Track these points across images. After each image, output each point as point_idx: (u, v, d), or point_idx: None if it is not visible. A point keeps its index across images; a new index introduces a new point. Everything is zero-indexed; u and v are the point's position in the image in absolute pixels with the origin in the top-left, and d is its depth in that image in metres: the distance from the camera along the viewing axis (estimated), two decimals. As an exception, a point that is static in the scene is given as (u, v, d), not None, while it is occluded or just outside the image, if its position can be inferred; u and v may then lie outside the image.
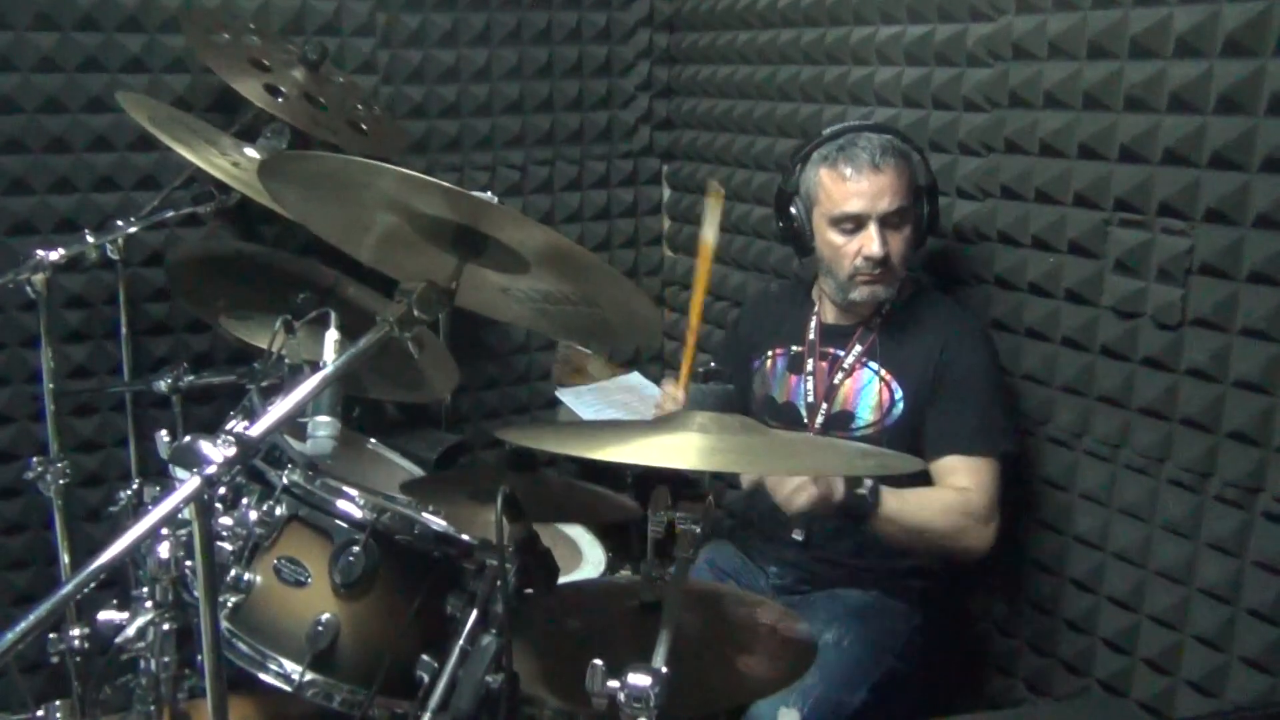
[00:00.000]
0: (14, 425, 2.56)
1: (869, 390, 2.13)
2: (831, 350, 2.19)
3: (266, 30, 2.57)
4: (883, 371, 2.12)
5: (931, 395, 2.08)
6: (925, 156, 2.15)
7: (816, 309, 2.25)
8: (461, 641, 1.51)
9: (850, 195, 2.04)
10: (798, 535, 2.16)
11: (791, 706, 1.87)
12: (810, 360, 2.21)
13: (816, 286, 2.25)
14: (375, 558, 1.70)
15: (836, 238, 2.08)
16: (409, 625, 1.68)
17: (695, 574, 2.10)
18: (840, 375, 2.16)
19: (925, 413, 2.08)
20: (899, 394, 2.10)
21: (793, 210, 2.16)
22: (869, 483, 1.91)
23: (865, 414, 2.13)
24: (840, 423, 2.15)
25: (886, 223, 2.04)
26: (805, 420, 2.19)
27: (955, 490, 2.02)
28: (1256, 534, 1.80)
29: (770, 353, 2.29)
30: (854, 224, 2.05)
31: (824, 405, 2.17)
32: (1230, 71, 1.75)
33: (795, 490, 1.84)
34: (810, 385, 2.20)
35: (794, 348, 2.25)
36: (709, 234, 2.09)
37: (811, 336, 2.23)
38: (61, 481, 2.22)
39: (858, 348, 2.16)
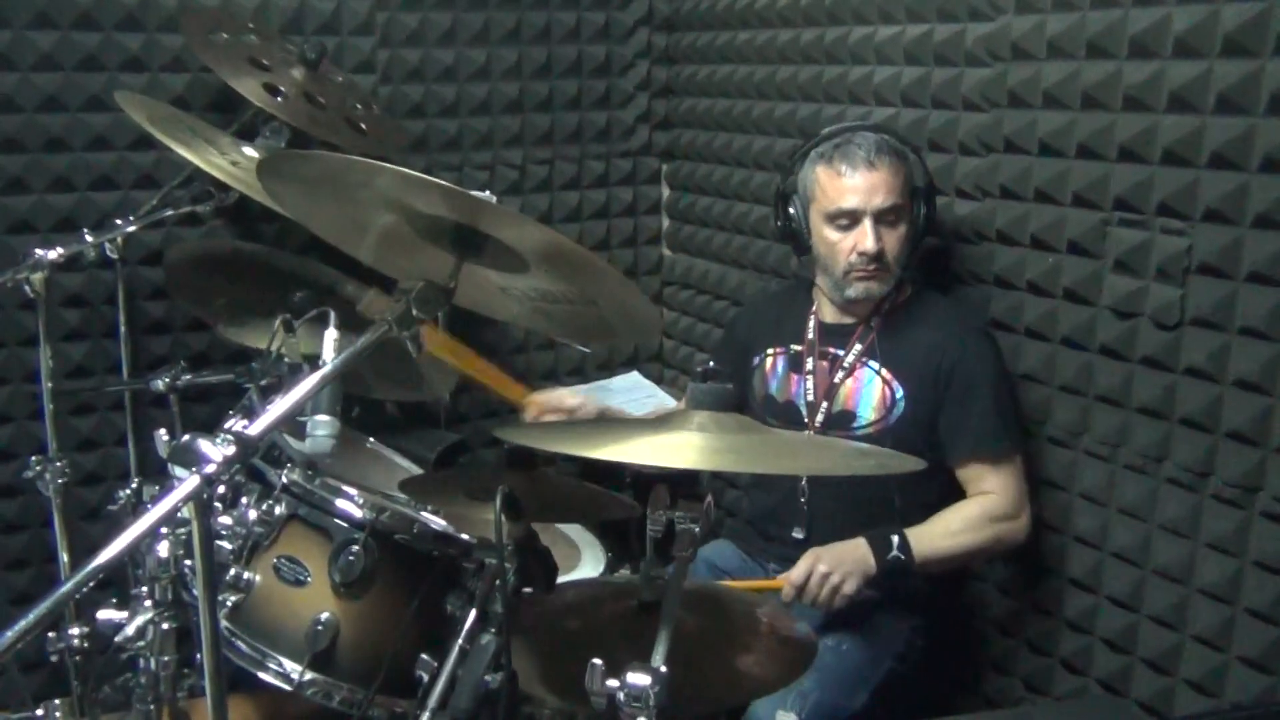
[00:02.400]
0: (13, 424, 2.56)
1: (870, 390, 2.13)
2: (831, 349, 2.20)
3: (265, 29, 2.57)
4: (883, 370, 2.13)
5: (940, 397, 2.08)
6: (923, 158, 2.17)
7: (815, 308, 2.25)
8: (461, 640, 1.51)
9: (845, 191, 2.07)
10: (798, 534, 2.16)
11: (790, 709, 1.87)
12: (810, 359, 2.21)
13: (815, 286, 2.25)
14: (374, 557, 1.70)
15: (832, 234, 2.10)
16: (408, 624, 1.68)
17: (694, 574, 2.10)
18: (840, 374, 2.16)
19: (935, 414, 2.09)
20: (899, 393, 2.11)
21: (791, 210, 2.20)
22: (896, 540, 1.97)
23: (867, 413, 2.13)
24: (842, 422, 2.15)
25: (881, 219, 2.07)
26: (805, 419, 2.20)
27: (975, 501, 2.05)
28: (1255, 534, 1.80)
29: (770, 352, 2.30)
30: (849, 220, 2.08)
31: (824, 404, 2.17)
32: (1229, 71, 1.75)
33: (838, 586, 1.93)
34: (810, 384, 2.20)
35: (794, 347, 2.25)
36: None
37: (811, 336, 2.23)
38: (60, 480, 2.22)
39: (858, 346, 2.16)
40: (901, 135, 2.18)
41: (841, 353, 2.18)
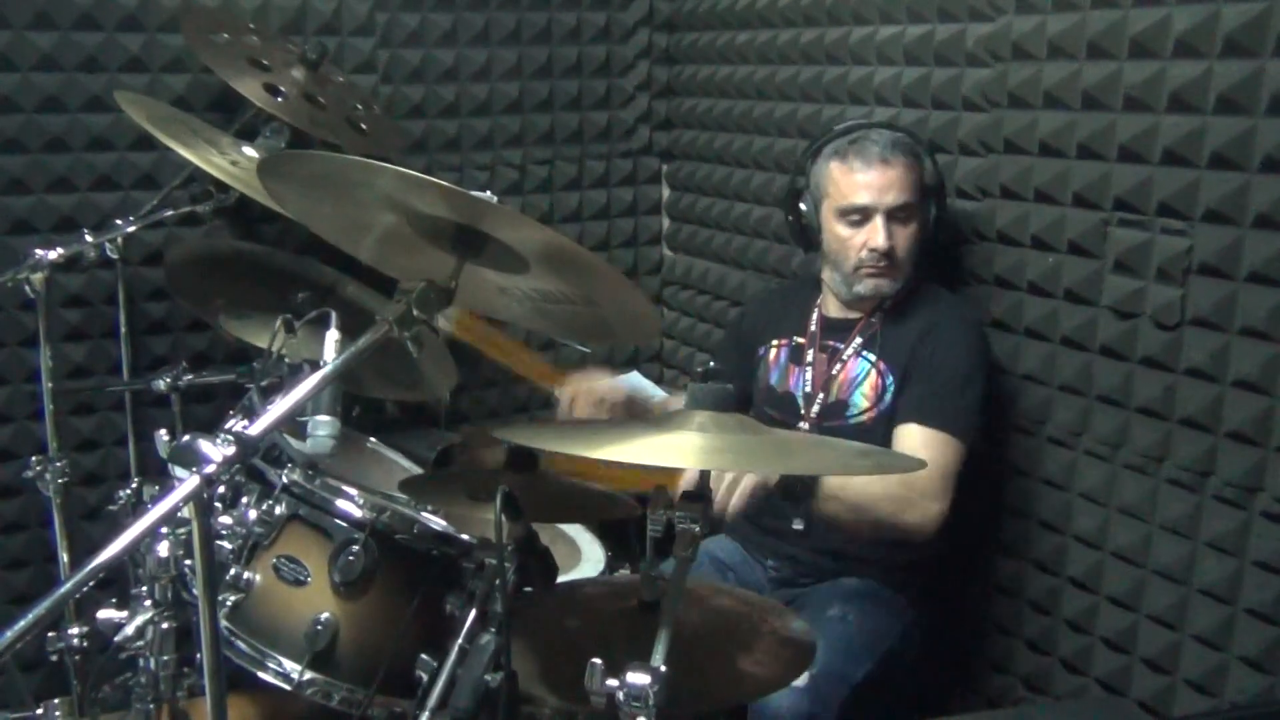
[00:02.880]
0: (13, 424, 2.56)
1: (863, 379, 2.15)
2: (832, 343, 2.21)
3: (266, 30, 2.58)
4: (878, 361, 2.14)
5: (911, 373, 2.10)
6: (934, 157, 2.17)
7: (820, 301, 2.27)
8: (460, 640, 1.51)
9: (859, 187, 2.08)
10: (798, 525, 2.15)
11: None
12: (811, 351, 2.23)
13: (822, 280, 2.26)
14: (374, 557, 1.70)
15: (843, 230, 2.11)
16: (408, 624, 1.68)
17: (695, 567, 2.09)
18: (838, 366, 2.18)
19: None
20: (889, 379, 2.12)
21: (802, 206, 2.20)
22: None
23: (859, 401, 2.14)
24: (835, 412, 2.17)
25: (893, 217, 2.08)
26: (802, 410, 2.20)
27: None
28: (1255, 534, 1.80)
29: (774, 343, 2.32)
30: (861, 216, 2.09)
31: (820, 395, 2.18)
32: (1229, 72, 1.75)
33: (726, 490, 1.81)
34: (809, 376, 2.21)
35: (796, 339, 2.27)
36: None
37: (813, 328, 2.25)
38: (61, 480, 2.22)
39: (857, 339, 2.18)
40: (916, 135, 2.18)
41: (841, 346, 2.20)
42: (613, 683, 1.20)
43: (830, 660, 1.91)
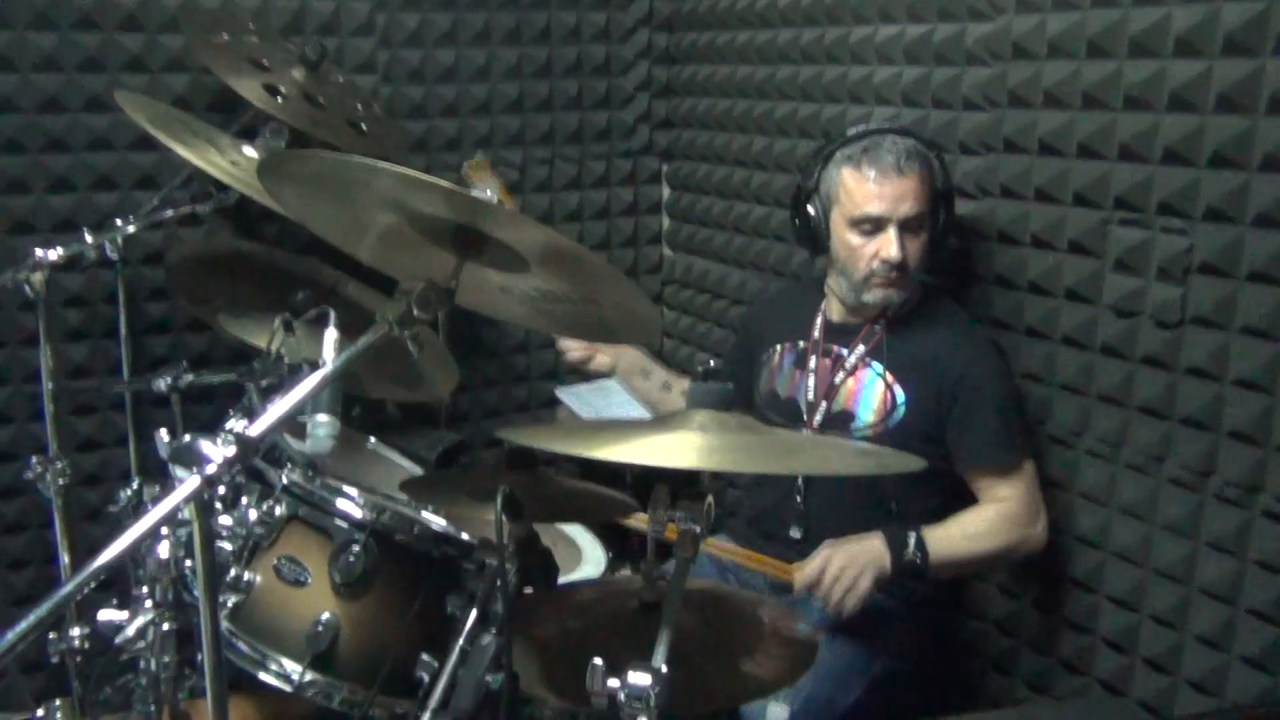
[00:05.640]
0: (13, 425, 2.56)
1: (870, 391, 2.13)
2: (835, 348, 2.19)
3: (266, 30, 2.57)
4: (886, 373, 2.12)
5: (944, 407, 2.07)
6: (944, 161, 2.13)
7: (824, 306, 2.25)
8: (461, 641, 1.51)
9: (872, 197, 2.04)
10: (795, 533, 2.16)
11: (781, 702, 1.87)
12: (813, 357, 2.21)
13: (826, 284, 2.25)
14: (375, 557, 1.70)
15: (854, 239, 2.08)
16: (409, 625, 1.68)
17: (697, 569, 2.10)
18: (842, 374, 2.16)
19: (935, 423, 2.08)
20: (901, 397, 2.10)
21: (810, 209, 2.15)
22: (913, 539, 1.95)
23: (866, 415, 2.12)
24: (840, 422, 2.15)
25: (906, 227, 2.04)
26: (805, 417, 2.19)
27: (993, 505, 2.04)
28: (1256, 533, 1.80)
29: (777, 347, 2.30)
30: (873, 226, 2.05)
31: (823, 404, 2.17)
32: (1229, 71, 1.75)
33: (848, 595, 1.92)
34: (811, 382, 2.20)
35: (800, 343, 2.25)
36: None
37: (816, 334, 2.23)
38: (61, 481, 2.22)
39: (861, 347, 2.15)
40: (926, 138, 2.14)
41: (845, 352, 2.17)
42: (614, 683, 1.20)
43: (816, 690, 1.91)
